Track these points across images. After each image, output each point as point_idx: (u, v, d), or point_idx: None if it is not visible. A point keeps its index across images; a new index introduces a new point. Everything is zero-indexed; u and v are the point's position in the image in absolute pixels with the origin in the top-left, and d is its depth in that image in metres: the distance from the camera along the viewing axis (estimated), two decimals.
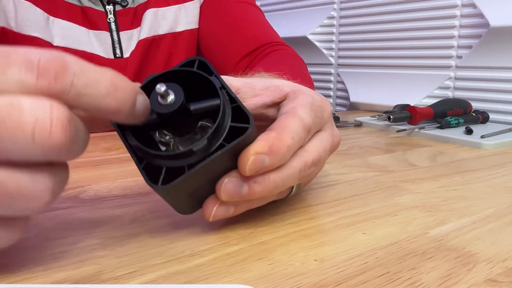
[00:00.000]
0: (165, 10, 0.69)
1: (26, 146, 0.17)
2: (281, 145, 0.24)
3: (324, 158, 0.28)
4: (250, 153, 0.23)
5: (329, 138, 0.29)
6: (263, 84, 0.30)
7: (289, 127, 0.25)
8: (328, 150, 0.28)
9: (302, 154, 0.26)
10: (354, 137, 0.62)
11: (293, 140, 0.24)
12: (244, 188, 0.24)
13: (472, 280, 0.21)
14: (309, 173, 0.27)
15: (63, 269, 0.22)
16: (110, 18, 0.65)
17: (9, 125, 0.17)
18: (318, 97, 0.29)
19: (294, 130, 0.25)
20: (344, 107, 1.08)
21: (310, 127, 0.27)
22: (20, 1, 0.59)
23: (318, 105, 0.28)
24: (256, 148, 0.23)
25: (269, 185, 0.24)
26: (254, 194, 0.24)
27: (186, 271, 0.22)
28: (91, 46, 0.64)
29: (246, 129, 0.23)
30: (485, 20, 0.75)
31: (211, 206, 0.25)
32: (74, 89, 0.18)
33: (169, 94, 0.21)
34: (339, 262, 0.23)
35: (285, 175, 0.25)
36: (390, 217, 0.29)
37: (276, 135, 0.24)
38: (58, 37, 0.61)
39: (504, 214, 0.30)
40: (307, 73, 0.68)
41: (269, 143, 0.23)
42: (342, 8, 1.06)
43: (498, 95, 0.78)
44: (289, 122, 0.25)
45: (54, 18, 0.61)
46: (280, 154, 0.24)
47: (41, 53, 0.18)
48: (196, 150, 0.22)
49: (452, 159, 0.47)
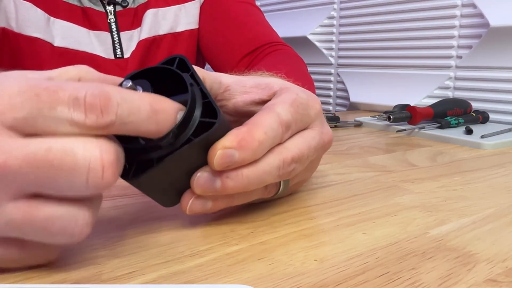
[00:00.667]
0: (165, 10, 0.69)
1: (80, 188, 0.18)
2: (251, 140, 0.23)
3: (308, 156, 0.28)
4: (218, 147, 0.23)
5: (315, 136, 0.28)
6: (254, 82, 0.30)
7: (263, 123, 0.24)
8: (313, 147, 0.28)
9: (281, 150, 0.26)
10: (354, 137, 0.62)
11: (266, 136, 0.24)
12: (217, 182, 0.24)
13: (472, 280, 0.21)
14: (290, 171, 0.26)
15: (63, 269, 0.22)
16: (110, 19, 0.65)
17: (64, 170, 0.18)
18: (304, 94, 0.29)
19: (268, 126, 0.24)
20: (344, 107, 1.08)
21: (288, 123, 0.26)
22: (21, 1, 0.59)
23: (301, 102, 0.28)
24: (224, 142, 0.23)
25: (242, 181, 0.24)
26: (227, 189, 0.24)
27: (186, 271, 0.22)
28: (92, 47, 0.64)
29: (214, 124, 0.23)
30: (485, 20, 0.75)
31: (187, 199, 0.25)
32: (119, 120, 0.19)
33: (136, 89, 0.22)
34: (339, 262, 0.23)
35: (260, 171, 0.25)
36: (390, 217, 0.29)
37: (247, 130, 0.24)
38: (59, 38, 0.61)
39: (504, 214, 0.30)
40: (307, 73, 0.68)
41: (238, 137, 0.23)
42: (342, 8, 1.06)
43: (498, 95, 0.78)
44: (263, 118, 0.25)
45: (55, 19, 0.61)
46: (251, 149, 0.23)
47: (86, 88, 0.19)
48: (162, 144, 0.22)
49: (452, 159, 0.47)
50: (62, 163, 0.18)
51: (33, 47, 0.60)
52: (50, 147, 0.18)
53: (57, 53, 0.61)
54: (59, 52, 0.61)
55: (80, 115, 0.18)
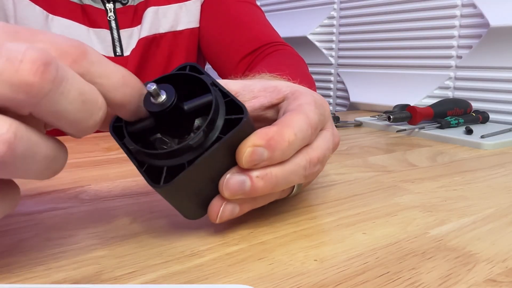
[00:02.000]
0: (166, 8, 0.69)
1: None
2: (281, 140, 0.23)
3: (328, 157, 0.28)
4: (247, 144, 0.23)
5: (331, 137, 0.29)
6: (261, 86, 0.30)
7: (293, 123, 0.25)
8: (331, 148, 0.28)
9: (307, 151, 0.26)
10: (354, 137, 0.62)
11: (295, 137, 0.24)
12: (247, 183, 0.23)
13: (472, 280, 0.21)
14: (315, 171, 0.27)
15: (63, 269, 0.22)
16: (110, 16, 0.65)
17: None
18: (318, 96, 0.29)
19: (298, 127, 0.25)
20: (344, 107, 1.08)
21: (316, 124, 0.26)
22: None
23: (320, 103, 0.28)
24: (253, 140, 0.23)
25: (271, 181, 0.24)
26: (257, 190, 0.24)
27: (186, 271, 0.22)
28: (91, 44, 0.64)
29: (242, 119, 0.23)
30: (485, 20, 0.75)
31: (217, 206, 0.24)
32: (89, 76, 0.19)
33: (160, 93, 0.22)
34: (339, 262, 0.23)
35: (288, 171, 0.25)
36: (390, 217, 0.29)
37: (276, 129, 0.24)
38: None
39: (504, 214, 0.30)
40: (308, 73, 0.68)
41: (267, 136, 0.23)
42: (342, 8, 1.06)
43: (498, 95, 0.78)
44: (293, 118, 0.25)
45: (54, 16, 0.61)
46: (280, 149, 0.23)
47: (66, 39, 0.19)
48: (193, 143, 0.22)
49: (452, 159, 0.47)
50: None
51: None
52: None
53: None
54: None
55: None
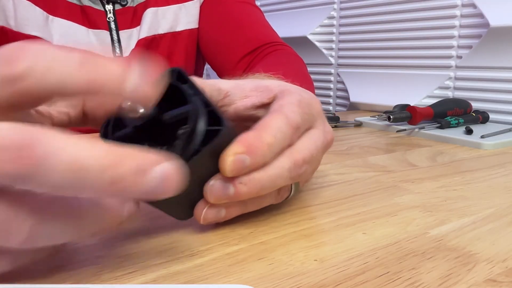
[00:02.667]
0: (165, 9, 0.69)
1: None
2: (260, 144, 0.23)
3: (317, 156, 0.28)
4: (228, 154, 0.23)
5: (320, 136, 0.28)
6: (253, 86, 0.29)
7: (271, 125, 0.24)
8: (320, 147, 0.28)
9: (291, 152, 0.26)
10: (354, 137, 0.62)
11: (275, 139, 0.24)
12: (230, 189, 0.24)
13: (472, 280, 0.21)
14: (302, 172, 0.27)
15: (63, 269, 0.22)
16: (109, 17, 0.65)
17: None
18: (306, 94, 0.29)
19: (277, 128, 0.24)
20: (344, 107, 1.08)
21: (297, 124, 0.26)
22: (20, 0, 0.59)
23: (306, 102, 0.28)
24: (234, 148, 0.23)
25: (255, 185, 0.24)
26: (241, 195, 0.24)
27: (186, 271, 0.22)
28: (90, 46, 0.64)
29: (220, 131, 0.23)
30: (485, 20, 0.75)
31: (200, 208, 0.25)
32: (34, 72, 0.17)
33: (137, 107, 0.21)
34: (339, 262, 0.23)
35: (272, 174, 0.25)
36: (390, 217, 0.29)
37: (255, 134, 0.24)
38: (57, 36, 0.61)
39: (504, 214, 0.30)
40: (306, 73, 0.68)
41: (247, 142, 0.23)
42: (342, 8, 1.06)
43: (498, 95, 0.78)
44: (272, 120, 0.25)
45: (54, 17, 0.61)
46: (260, 153, 0.23)
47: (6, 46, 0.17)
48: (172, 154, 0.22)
49: (452, 159, 0.47)
50: None
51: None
52: None
53: None
54: None
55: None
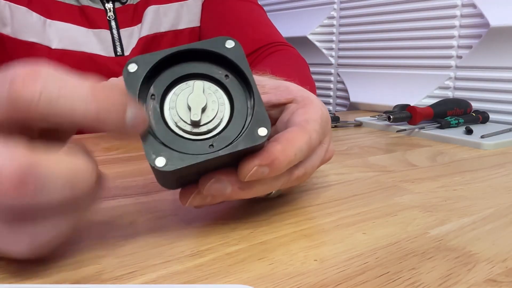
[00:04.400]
0: (167, 7, 0.69)
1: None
2: (283, 160, 0.23)
3: (310, 174, 0.28)
4: (255, 163, 0.23)
5: (321, 154, 0.29)
6: (273, 84, 0.30)
7: (296, 143, 0.25)
8: (316, 166, 0.28)
9: (291, 169, 0.26)
10: (354, 137, 0.62)
11: (295, 157, 0.24)
12: (228, 189, 0.24)
13: (472, 280, 0.21)
14: (290, 184, 0.27)
15: (63, 269, 0.22)
16: (109, 16, 0.65)
17: None
18: (325, 109, 0.29)
19: (300, 147, 0.25)
20: (344, 107, 1.08)
21: (315, 145, 0.27)
22: (17, 6, 0.58)
23: (325, 120, 0.28)
24: (260, 160, 0.23)
25: (250, 191, 0.25)
26: (235, 196, 0.25)
27: (186, 271, 0.22)
28: (91, 46, 0.63)
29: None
30: (485, 20, 0.75)
31: (188, 193, 0.25)
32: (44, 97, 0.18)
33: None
34: (339, 262, 0.23)
35: (268, 184, 0.25)
36: (390, 217, 0.29)
37: (281, 149, 0.24)
38: (56, 40, 0.61)
39: (504, 214, 0.30)
40: (309, 74, 0.68)
41: (273, 156, 0.23)
42: (342, 8, 1.06)
43: (498, 95, 0.78)
44: (298, 137, 0.25)
45: (52, 21, 0.61)
46: (280, 168, 0.24)
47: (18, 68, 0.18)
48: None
49: (452, 159, 0.47)
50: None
51: (30, 52, 0.59)
52: None
53: (55, 56, 0.60)
54: (57, 55, 0.60)
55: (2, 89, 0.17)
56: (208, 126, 0.23)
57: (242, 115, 0.23)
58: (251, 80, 0.23)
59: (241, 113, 0.23)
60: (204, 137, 0.22)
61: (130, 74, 0.22)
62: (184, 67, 0.23)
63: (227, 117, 0.23)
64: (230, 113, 0.23)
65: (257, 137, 0.22)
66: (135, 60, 0.22)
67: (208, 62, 0.24)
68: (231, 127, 0.23)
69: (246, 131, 0.22)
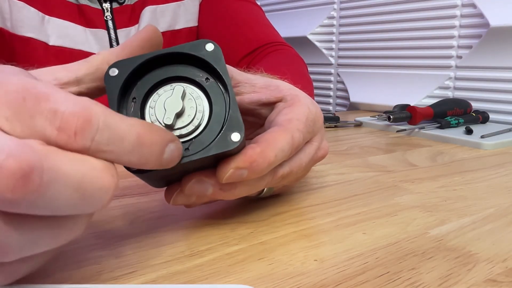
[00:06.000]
0: (164, 7, 0.69)
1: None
2: (262, 162, 0.23)
3: (298, 172, 0.28)
4: (231, 166, 0.23)
5: (311, 152, 0.28)
6: (264, 82, 0.30)
7: (277, 144, 0.24)
8: (304, 164, 0.28)
9: (274, 168, 0.26)
10: (354, 137, 0.62)
11: (275, 158, 0.24)
12: (209, 190, 0.24)
13: (472, 280, 0.21)
14: (277, 183, 0.27)
15: (63, 269, 0.22)
16: (107, 16, 0.65)
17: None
18: (314, 108, 0.29)
19: (281, 148, 0.24)
20: (344, 107, 1.08)
21: (299, 145, 0.26)
22: (14, 1, 0.58)
23: (312, 118, 0.28)
24: (237, 163, 0.23)
25: (233, 193, 0.25)
26: (218, 197, 0.25)
27: (186, 271, 0.22)
28: (88, 45, 0.63)
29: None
30: (485, 20, 0.75)
31: (172, 191, 0.25)
32: (95, 146, 0.17)
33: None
34: (339, 262, 0.23)
35: (251, 185, 0.25)
36: (390, 217, 0.29)
37: (260, 151, 0.23)
38: (54, 37, 0.61)
39: (504, 214, 0.30)
40: (307, 74, 0.68)
41: (251, 159, 0.23)
42: (342, 8, 1.06)
43: (498, 95, 0.78)
44: (278, 138, 0.25)
45: (50, 17, 0.61)
46: (260, 170, 0.24)
47: (68, 103, 0.17)
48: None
49: (452, 159, 0.47)
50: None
51: (27, 47, 0.59)
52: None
53: (52, 52, 0.60)
54: (54, 51, 0.60)
55: (52, 131, 0.16)
56: (181, 131, 0.23)
57: (219, 120, 0.23)
58: (228, 84, 0.23)
59: (219, 117, 0.23)
60: (181, 140, 0.22)
61: (110, 78, 0.23)
62: (166, 70, 0.24)
63: (205, 122, 0.23)
64: (209, 117, 0.23)
65: (230, 142, 0.22)
66: (116, 64, 0.23)
67: (190, 66, 0.24)
68: (207, 131, 0.23)
69: (219, 136, 0.22)
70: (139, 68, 0.23)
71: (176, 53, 0.23)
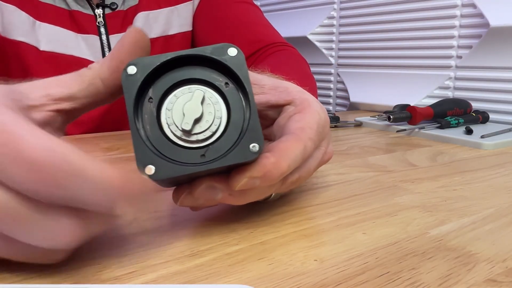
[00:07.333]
0: (157, 13, 0.68)
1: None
2: (276, 172, 0.23)
3: (305, 178, 0.28)
4: (246, 175, 0.23)
5: (318, 157, 0.28)
6: (272, 84, 0.29)
7: (290, 154, 0.24)
8: (312, 170, 0.28)
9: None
10: (354, 137, 0.62)
11: (288, 168, 0.24)
12: (219, 196, 0.24)
13: (472, 280, 0.21)
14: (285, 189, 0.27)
15: (64, 269, 0.22)
16: (99, 22, 0.64)
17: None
18: (323, 114, 0.29)
19: (294, 159, 0.24)
20: (344, 107, 1.08)
21: (310, 153, 0.26)
22: (5, 4, 0.58)
23: (322, 124, 0.28)
24: (253, 172, 0.23)
25: (242, 199, 0.25)
26: (227, 202, 0.25)
27: (186, 271, 0.22)
28: (79, 50, 0.62)
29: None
30: (485, 20, 0.75)
31: (181, 193, 0.25)
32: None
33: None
34: (339, 262, 0.23)
35: (261, 191, 0.25)
36: (390, 217, 0.29)
37: (275, 161, 0.23)
38: (44, 42, 0.60)
39: (504, 214, 0.30)
40: (310, 75, 0.68)
41: (265, 169, 0.23)
42: (342, 8, 1.06)
43: (498, 95, 0.78)
44: (292, 148, 0.24)
45: (41, 23, 0.60)
46: (272, 180, 0.23)
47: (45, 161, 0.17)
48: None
49: (452, 159, 0.47)
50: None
51: (18, 51, 0.59)
52: None
53: (43, 57, 0.60)
54: (45, 56, 0.60)
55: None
56: (198, 137, 0.22)
57: (237, 127, 0.23)
58: (250, 93, 0.23)
59: (237, 125, 0.23)
60: (196, 145, 0.22)
61: (128, 76, 0.22)
62: (184, 72, 0.23)
63: (223, 128, 0.23)
64: (227, 123, 0.23)
65: (249, 153, 0.22)
66: (135, 62, 0.22)
67: (210, 69, 0.23)
68: (225, 138, 0.22)
69: (238, 146, 0.22)
70: (158, 67, 0.23)
71: (197, 56, 0.23)
